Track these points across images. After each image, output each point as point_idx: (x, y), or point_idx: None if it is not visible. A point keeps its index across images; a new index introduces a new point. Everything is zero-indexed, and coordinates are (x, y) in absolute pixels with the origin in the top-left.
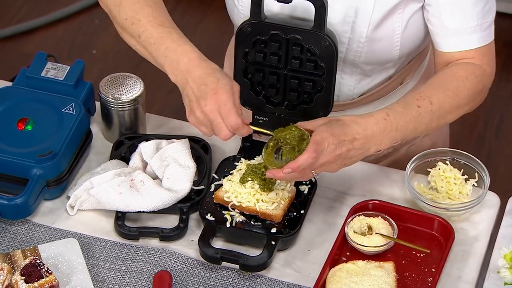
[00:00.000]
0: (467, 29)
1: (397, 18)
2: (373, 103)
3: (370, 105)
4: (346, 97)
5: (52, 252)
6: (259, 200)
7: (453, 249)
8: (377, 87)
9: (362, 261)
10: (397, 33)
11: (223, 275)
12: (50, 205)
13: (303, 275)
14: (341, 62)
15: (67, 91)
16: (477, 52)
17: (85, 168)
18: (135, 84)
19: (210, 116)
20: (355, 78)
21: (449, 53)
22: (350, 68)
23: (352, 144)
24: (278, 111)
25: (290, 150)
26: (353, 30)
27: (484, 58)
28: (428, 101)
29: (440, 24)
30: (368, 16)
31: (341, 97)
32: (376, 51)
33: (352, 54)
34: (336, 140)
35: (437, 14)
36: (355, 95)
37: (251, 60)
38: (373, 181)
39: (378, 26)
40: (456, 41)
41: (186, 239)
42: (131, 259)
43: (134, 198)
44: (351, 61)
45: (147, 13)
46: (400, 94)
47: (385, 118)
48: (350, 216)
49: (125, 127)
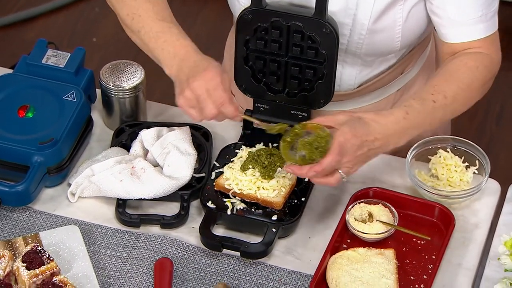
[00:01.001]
0: (472, 20)
1: (399, 9)
2: (374, 93)
3: (371, 95)
4: (347, 87)
5: (53, 239)
6: (260, 188)
7: (453, 236)
8: (378, 77)
9: (363, 248)
10: (398, 24)
11: (223, 262)
12: (51, 192)
13: (304, 262)
14: (343, 53)
15: (67, 79)
16: (484, 42)
17: (86, 156)
18: (136, 71)
19: (198, 91)
20: (357, 68)
21: (456, 43)
22: (351, 58)
23: (373, 144)
24: (279, 99)
25: (305, 144)
26: (354, 21)
27: (491, 47)
28: (443, 96)
29: (445, 15)
30: (370, 7)
31: (342, 87)
32: (378, 43)
33: (354, 46)
34: (359, 141)
35: (441, 6)
36: (356, 85)
37: (252, 48)
38: (374, 169)
39: (379, 17)
40: (462, 32)
41: (187, 226)
42: (132, 246)
43: (135, 186)
44: (353, 52)
45: (147, 8)
46: (400, 84)
47: (404, 117)
48: (351, 204)
49: (126, 114)
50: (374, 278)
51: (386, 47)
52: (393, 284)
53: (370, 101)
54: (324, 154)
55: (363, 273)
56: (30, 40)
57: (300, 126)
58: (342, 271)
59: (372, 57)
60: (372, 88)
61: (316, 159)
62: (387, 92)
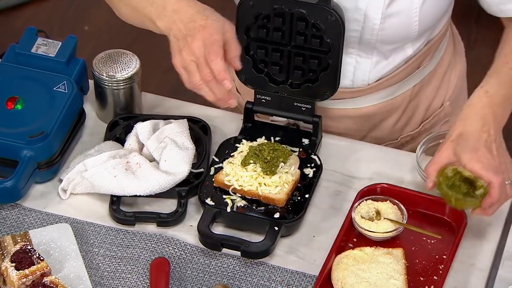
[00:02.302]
0: None
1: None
2: (389, 89)
3: (386, 91)
4: (361, 82)
5: (44, 237)
6: (261, 184)
7: (465, 235)
8: (394, 71)
9: (370, 248)
10: (415, 6)
11: (223, 262)
12: (42, 188)
13: (308, 262)
14: (356, 44)
15: (58, 69)
16: None
17: (78, 150)
18: (131, 61)
19: (197, 52)
20: (372, 60)
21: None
22: (366, 49)
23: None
24: (281, 90)
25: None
26: (368, 5)
27: None
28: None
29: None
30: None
31: (355, 82)
32: (394, 28)
33: (368, 33)
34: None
35: None
36: (371, 80)
37: (253, 36)
38: (382, 164)
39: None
40: None
41: (185, 224)
42: (127, 246)
43: (130, 182)
44: (367, 41)
45: None
46: (417, 79)
47: (485, 95)
48: (357, 201)
49: (120, 106)
50: (382, 279)
51: (403, 33)
52: (401, 285)
53: (385, 98)
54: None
55: (370, 274)
56: (18, 28)
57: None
58: (348, 271)
59: (389, 45)
60: (387, 84)
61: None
62: (403, 88)
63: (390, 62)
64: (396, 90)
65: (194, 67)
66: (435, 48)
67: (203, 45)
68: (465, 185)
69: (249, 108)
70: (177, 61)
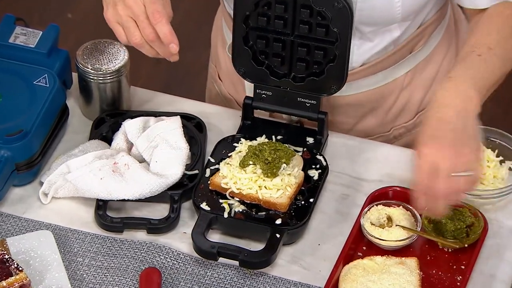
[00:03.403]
0: None
1: None
2: (379, 74)
3: (376, 76)
4: None
5: (23, 246)
6: (261, 187)
7: (486, 243)
8: (382, 55)
9: (381, 257)
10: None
11: (220, 272)
12: (20, 192)
13: (313, 273)
14: None
15: (39, 61)
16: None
17: (60, 150)
18: (118, 52)
19: (135, 9)
20: (354, 42)
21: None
22: None
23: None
24: (283, 84)
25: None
26: None
27: None
28: (486, 47)
29: None
30: None
31: None
32: (374, 8)
33: None
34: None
35: None
36: (356, 64)
37: (252, 25)
38: (393, 165)
39: None
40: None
41: (178, 231)
42: (114, 255)
43: (118, 184)
44: None
45: None
46: (410, 65)
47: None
48: (367, 206)
49: (106, 102)
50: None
51: (385, 15)
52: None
53: (375, 84)
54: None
55: (381, 286)
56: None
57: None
58: (356, 283)
59: (370, 27)
60: (377, 69)
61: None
62: (394, 74)
63: (376, 45)
64: (386, 76)
65: (132, 24)
66: (429, 32)
67: (142, 2)
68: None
69: (248, 104)
70: (111, 15)
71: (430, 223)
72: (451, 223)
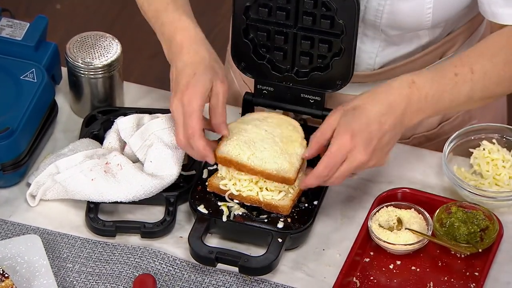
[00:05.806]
0: None
1: None
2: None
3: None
4: (365, 66)
5: (9, 251)
6: (262, 189)
7: (501, 249)
8: (407, 58)
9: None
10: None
11: (218, 279)
12: (6, 194)
13: (317, 280)
14: (361, 23)
15: (26, 54)
16: None
17: (49, 149)
18: (110, 46)
19: (175, 114)
20: (378, 44)
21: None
22: (371, 31)
23: (380, 131)
24: (286, 79)
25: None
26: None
27: None
28: (468, 69)
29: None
30: None
31: (360, 65)
32: (402, 13)
33: (372, 14)
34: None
35: None
36: (377, 65)
37: (253, 17)
38: (403, 165)
39: None
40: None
41: (174, 235)
42: (106, 260)
43: (110, 186)
44: (371, 22)
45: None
46: None
47: (409, 85)
48: (374, 208)
49: (98, 98)
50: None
51: (413, 21)
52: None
53: None
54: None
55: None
56: None
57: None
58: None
59: (396, 31)
60: (399, 72)
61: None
62: None
63: (401, 48)
64: None
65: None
66: (462, 38)
67: (182, 109)
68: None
69: (249, 100)
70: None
71: (442, 227)
72: (464, 226)
